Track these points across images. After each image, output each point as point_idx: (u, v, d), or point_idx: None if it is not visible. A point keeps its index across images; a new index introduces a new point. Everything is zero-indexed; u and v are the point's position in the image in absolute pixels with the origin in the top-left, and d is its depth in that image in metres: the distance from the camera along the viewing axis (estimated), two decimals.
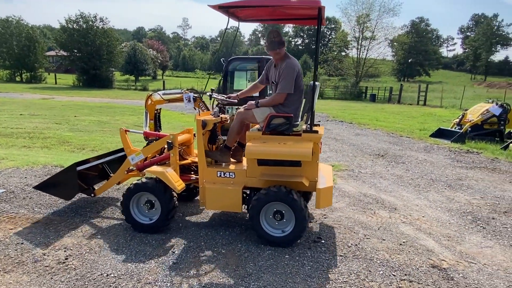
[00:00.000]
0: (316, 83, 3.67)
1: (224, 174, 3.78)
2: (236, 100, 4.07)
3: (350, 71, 41.27)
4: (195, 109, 6.40)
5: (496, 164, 7.72)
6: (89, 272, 3.09)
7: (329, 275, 3.14)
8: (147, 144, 5.54)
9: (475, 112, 10.92)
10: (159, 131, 7.22)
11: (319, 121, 5.81)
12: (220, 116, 4.09)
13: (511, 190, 5.91)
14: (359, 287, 2.98)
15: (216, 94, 4.07)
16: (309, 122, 3.65)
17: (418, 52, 63.14)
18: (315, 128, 3.65)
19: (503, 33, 69.98)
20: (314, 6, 3.34)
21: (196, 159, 4.16)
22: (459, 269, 3.33)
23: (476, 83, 56.02)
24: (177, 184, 3.66)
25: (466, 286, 3.06)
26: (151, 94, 5.61)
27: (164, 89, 29.38)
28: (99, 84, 35.50)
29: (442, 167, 7.39)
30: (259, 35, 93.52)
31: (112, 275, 3.06)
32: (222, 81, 7.54)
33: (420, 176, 6.61)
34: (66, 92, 27.07)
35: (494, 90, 40.75)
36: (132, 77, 44.57)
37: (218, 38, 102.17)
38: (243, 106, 3.96)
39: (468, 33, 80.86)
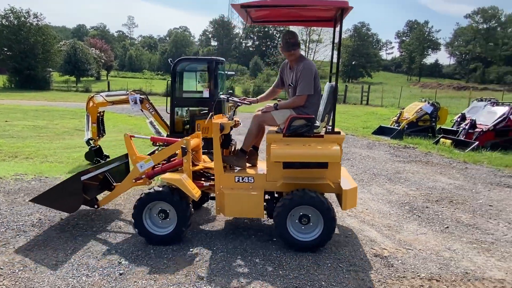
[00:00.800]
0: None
1: (242, 179, 3.65)
2: (248, 103, 4.04)
3: None
4: (142, 111, 6.14)
5: (429, 158, 8.49)
6: None
7: (280, 272, 3.21)
8: (89, 151, 5.19)
9: (411, 111, 11.93)
10: (102, 136, 6.83)
11: None
12: (234, 119, 3.97)
13: (442, 181, 6.54)
14: (309, 281, 3.08)
15: (231, 97, 4.00)
16: (330, 124, 3.63)
17: (360, 55, 67.37)
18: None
19: (433, 38, 77.37)
20: (341, 7, 3.26)
21: (207, 165, 4.03)
22: (398, 256, 3.60)
23: (412, 84, 61.01)
24: (195, 191, 3.50)
25: (404, 271, 3.31)
26: (93, 96, 5.30)
27: (109, 90, 27.78)
28: (35, 86, 32.52)
29: (383, 162, 7.94)
30: (210, 35, 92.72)
31: None
32: (170, 82, 7.33)
33: (363, 171, 7.03)
34: None
35: (427, 90, 44.72)
36: (73, 78, 41.63)
37: (167, 38, 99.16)
38: (260, 109, 3.87)
39: (404, 38, 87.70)
